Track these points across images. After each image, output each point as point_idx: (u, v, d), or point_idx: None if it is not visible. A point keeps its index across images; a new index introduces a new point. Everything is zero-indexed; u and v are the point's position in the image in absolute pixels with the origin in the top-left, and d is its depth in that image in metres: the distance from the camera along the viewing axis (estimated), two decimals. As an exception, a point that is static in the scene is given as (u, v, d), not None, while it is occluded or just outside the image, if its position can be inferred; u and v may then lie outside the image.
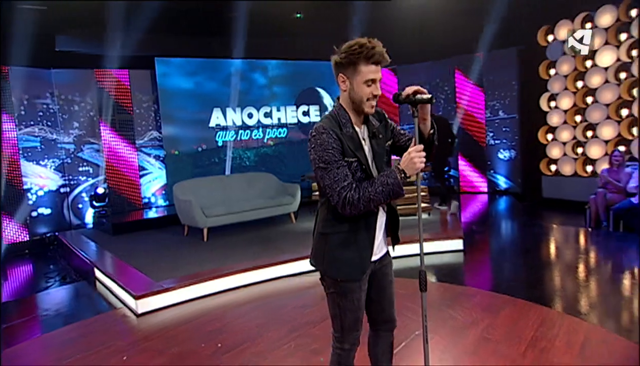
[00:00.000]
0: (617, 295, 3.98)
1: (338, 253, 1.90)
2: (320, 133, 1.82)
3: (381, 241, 1.98)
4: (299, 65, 10.01)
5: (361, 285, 1.94)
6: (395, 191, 1.75)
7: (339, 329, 1.99)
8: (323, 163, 1.80)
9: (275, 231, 6.62)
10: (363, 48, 1.79)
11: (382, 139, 1.96)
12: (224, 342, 3.33)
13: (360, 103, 1.84)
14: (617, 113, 7.58)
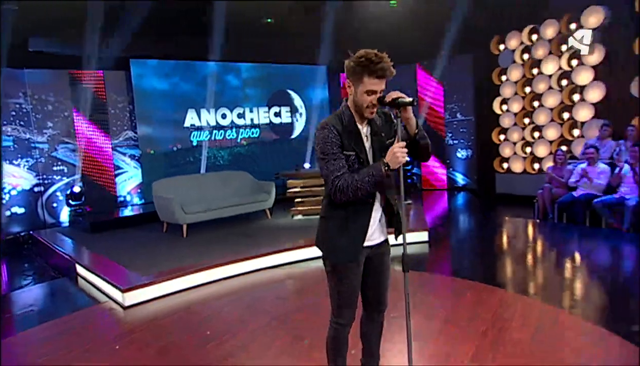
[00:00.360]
0: (561, 278, 4.39)
1: (334, 238, 2.08)
2: (323, 128, 2.01)
3: (376, 230, 2.12)
4: (270, 68, 10.16)
5: (354, 268, 2.10)
6: (379, 181, 1.95)
7: (336, 306, 2.17)
8: (322, 154, 1.99)
9: (252, 226, 6.77)
10: (369, 62, 1.92)
11: (383, 137, 2.11)
12: (211, 331, 3.46)
13: (361, 109, 2.01)
14: (559, 116, 8.16)
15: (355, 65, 1.96)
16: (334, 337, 2.22)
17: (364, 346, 2.37)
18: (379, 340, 2.35)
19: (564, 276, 4.42)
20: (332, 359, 2.26)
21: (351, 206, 2.04)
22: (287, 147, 10.39)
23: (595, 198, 6.02)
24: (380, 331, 2.34)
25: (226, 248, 5.46)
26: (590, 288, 4.08)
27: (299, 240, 5.55)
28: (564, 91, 8.04)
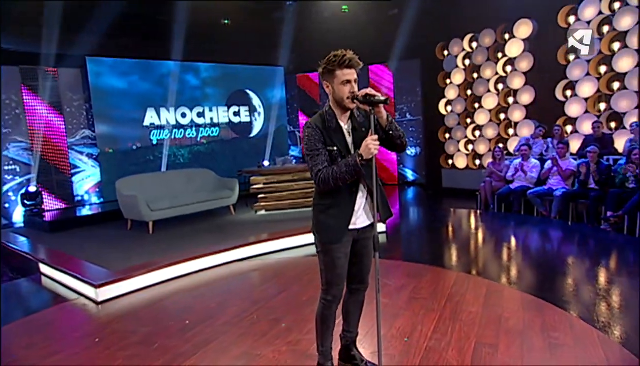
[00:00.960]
0: (500, 259, 4.83)
1: (322, 220, 2.26)
2: (307, 127, 2.21)
3: (361, 215, 2.28)
4: (229, 68, 10.15)
5: (341, 248, 2.25)
6: (355, 170, 2.10)
7: (324, 282, 2.33)
8: (308, 150, 2.18)
9: (217, 222, 6.81)
10: (337, 57, 2.14)
11: (363, 132, 2.22)
12: (191, 319, 3.53)
13: (342, 101, 2.17)
14: (497, 116, 8.80)
15: (326, 64, 2.17)
16: (322, 313, 2.37)
17: (344, 321, 2.54)
18: (359, 316, 2.54)
19: (504, 257, 4.87)
20: (319, 334, 2.41)
21: (337, 194, 2.21)
22: (246, 145, 10.43)
23: (528, 190, 6.62)
24: (360, 307, 2.52)
25: (194, 243, 5.49)
26: (525, 266, 4.53)
27: (263, 233, 5.69)
28: (500, 94, 8.69)
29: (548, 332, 2.86)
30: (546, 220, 6.27)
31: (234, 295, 4.06)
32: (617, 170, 5.81)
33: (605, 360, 2.51)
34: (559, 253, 4.98)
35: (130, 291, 4.28)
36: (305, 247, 5.50)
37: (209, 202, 6.89)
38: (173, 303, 3.99)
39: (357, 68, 2.20)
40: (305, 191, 7.12)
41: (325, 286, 2.34)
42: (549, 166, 6.56)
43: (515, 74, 8.40)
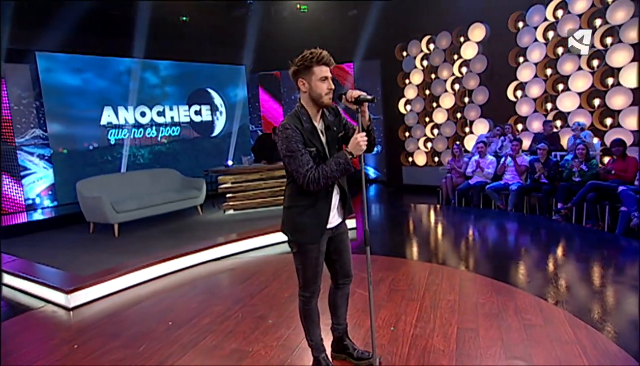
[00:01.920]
0: (467, 249, 5.11)
1: (300, 221, 2.24)
2: (286, 128, 2.13)
3: (335, 213, 2.33)
4: (190, 66, 9.93)
5: (319, 247, 2.28)
6: (347, 168, 2.13)
7: (302, 281, 2.36)
8: (289, 152, 2.11)
9: (186, 223, 6.69)
10: (314, 54, 2.14)
11: (335, 131, 2.29)
12: (175, 320, 3.49)
13: (320, 98, 2.16)
14: (454, 115, 9.22)
15: (302, 62, 2.15)
16: (303, 308, 2.42)
17: (333, 315, 2.60)
18: (346, 308, 2.61)
19: (470, 248, 5.15)
20: (307, 328, 2.46)
21: (314, 194, 2.20)
22: (208, 145, 10.26)
23: (486, 185, 7.02)
24: (347, 300, 2.60)
25: (165, 244, 5.38)
26: (490, 255, 4.81)
27: (235, 233, 5.66)
28: (457, 94, 9.11)
29: (521, 314, 3.10)
30: (503, 213, 6.68)
31: (215, 295, 4.03)
32: (565, 166, 6.30)
33: (573, 335, 2.76)
34: (515, 243, 5.34)
35: (104, 296, 4.15)
36: (278, 245, 5.54)
37: (176, 203, 6.75)
38: (152, 305, 3.90)
39: (332, 66, 2.22)
40: (273, 190, 7.14)
41: (303, 284, 2.37)
42: (504, 162, 6.98)
43: (470, 75, 8.83)
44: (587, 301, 3.39)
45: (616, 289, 3.63)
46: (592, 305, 3.33)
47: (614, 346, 2.61)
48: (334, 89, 2.22)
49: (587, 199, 5.62)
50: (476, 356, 2.58)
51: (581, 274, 4.05)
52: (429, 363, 2.54)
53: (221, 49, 10.25)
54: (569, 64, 7.41)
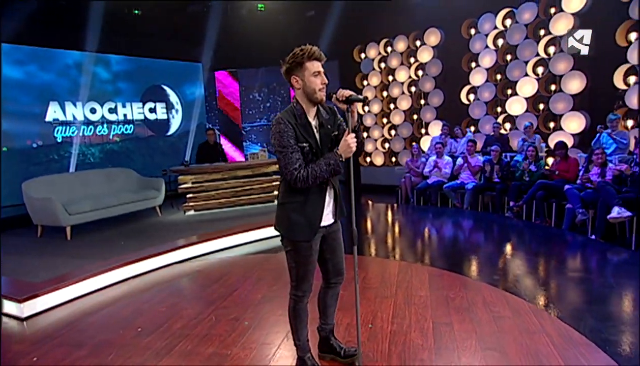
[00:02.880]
0: (428, 246, 5.27)
1: (293, 219, 2.22)
2: (279, 123, 2.12)
3: (330, 212, 2.32)
4: (144, 61, 9.51)
5: (312, 245, 2.27)
6: (336, 169, 2.15)
7: (294, 279, 2.33)
8: (280, 147, 2.11)
9: (144, 224, 6.41)
10: (304, 50, 2.14)
11: (329, 129, 2.27)
12: (143, 325, 3.33)
13: (314, 94, 2.16)
14: (410, 117, 9.49)
15: (294, 59, 2.15)
16: (294, 308, 2.38)
17: (322, 315, 2.59)
18: (335, 307, 2.61)
19: (424, 244, 5.32)
20: (294, 329, 2.42)
21: (308, 192, 2.20)
22: (163, 144, 9.88)
23: (443, 184, 7.28)
24: (337, 299, 2.59)
25: (124, 248, 5.13)
26: (450, 251, 4.98)
27: (198, 234, 5.50)
28: (413, 96, 9.39)
29: (489, 307, 3.25)
30: (460, 211, 6.96)
31: (184, 298, 3.89)
32: (515, 166, 6.67)
33: (539, 325, 2.93)
34: (469, 237, 5.58)
35: (61, 303, 3.89)
36: (244, 245, 5.46)
37: (133, 204, 6.45)
38: (116, 311, 3.70)
39: (323, 61, 2.23)
40: (235, 190, 7.01)
41: (295, 283, 2.34)
42: (460, 163, 7.28)
43: (426, 78, 9.13)
44: (545, 292, 3.61)
45: (566, 279, 3.89)
46: (549, 294, 3.55)
47: (576, 334, 2.80)
48: (327, 83, 2.21)
49: (536, 197, 5.99)
50: (454, 349, 2.67)
51: (536, 266, 4.30)
52: (410, 358, 2.60)
53: (177, 45, 9.91)
54: (517, 71, 7.85)
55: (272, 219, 2.39)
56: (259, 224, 5.68)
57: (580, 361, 2.47)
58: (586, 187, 5.46)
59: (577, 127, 7.17)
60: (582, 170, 5.66)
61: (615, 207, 4.89)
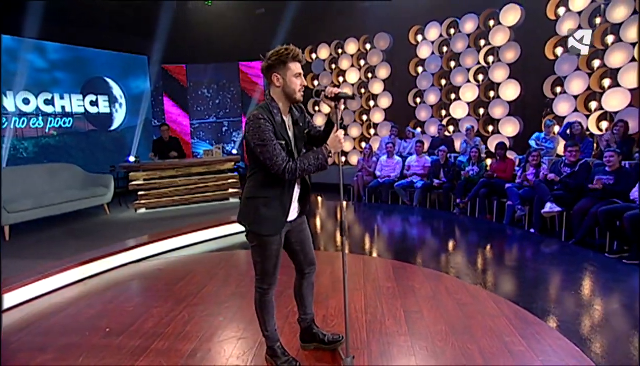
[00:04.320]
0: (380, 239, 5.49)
1: (262, 213, 2.23)
2: (258, 118, 2.12)
3: (295, 206, 2.36)
4: (83, 51, 8.92)
5: (279, 238, 2.30)
6: (323, 164, 2.21)
7: (260, 273, 2.35)
8: (261, 141, 2.11)
9: (92, 223, 6.06)
10: (289, 50, 2.18)
11: (301, 127, 2.34)
12: (111, 326, 3.19)
13: (293, 94, 2.21)
14: (360, 118, 9.78)
15: (277, 57, 2.17)
16: (260, 300, 2.39)
17: (301, 306, 2.64)
18: (312, 297, 2.67)
19: (375, 238, 5.56)
20: (263, 319, 2.44)
21: (278, 186, 2.23)
22: (106, 139, 9.33)
23: (394, 183, 7.61)
24: (312, 289, 2.65)
25: (73, 247, 4.84)
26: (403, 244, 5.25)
27: (151, 233, 5.31)
28: (363, 97, 9.68)
29: (452, 295, 3.50)
30: (409, 208, 7.32)
31: (150, 297, 3.77)
32: (460, 166, 7.14)
33: (497, 309, 3.22)
34: (418, 234, 5.91)
35: (12, 306, 3.61)
36: (203, 243, 5.37)
37: (79, 201, 6.06)
38: (77, 312, 3.49)
39: (303, 63, 2.30)
40: (189, 187, 6.83)
41: (260, 276, 2.36)
42: (409, 162, 7.65)
43: (375, 80, 9.47)
44: (495, 279, 3.95)
45: (512, 267, 4.28)
46: (499, 280, 3.89)
47: (530, 315, 3.12)
48: (304, 85, 2.30)
49: (480, 195, 6.46)
50: (427, 334, 2.87)
51: (485, 257, 4.68)
52: (389, 343, 2.76)
53: (121, 36, 9.42)
54: (460, 77, 8.39)
55: (230, 216, 2.41)
56: (218, 221, 5.60)
57: (537, 339, 2.76)
58: (524, 185, 5.99)
59: (513, 131, 7.81)
60: (520, 170, 6.20)
61: (548, 202, 5.43)
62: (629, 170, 5.05)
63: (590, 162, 5.62)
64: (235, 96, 10.73)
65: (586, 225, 4.89)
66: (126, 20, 9.38)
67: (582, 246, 4.90)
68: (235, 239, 5.57)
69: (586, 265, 4.30)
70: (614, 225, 4.65)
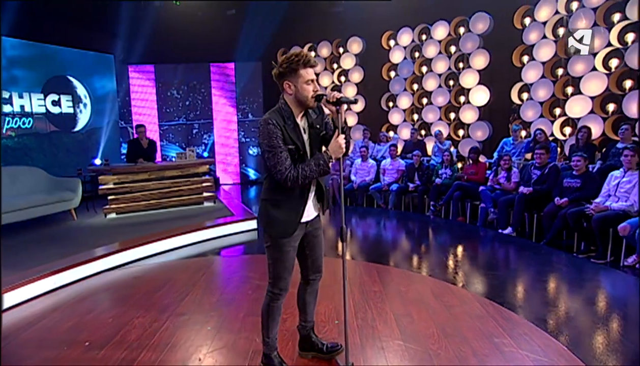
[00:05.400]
0: (361, 243, 5.53)
1: (272, 214, 2.25)
2: (268, 124, 2.12)
3: (311, 208, 2.33)
4: (45, 48, 8.46)
5: (291, 241, 2.28)
6: (325, 170, 2.18)
7: (272, 275, 2.33)
8: (269, 147, 2.12)
9: (58, 229, 5.75)
10: (300, 56, 2.14)
11: (318, 129, 2.31)
12: (91, 339, 3.02)
13: (306, 101, 2.19)
14: (333, 121, 9.79)
15: (289, 64, 2.15)
16: (269, 305, 2.37)
17: (303, 313, 2.61)
18: (315, 305, 2.64)
19: (368, 242, 5.60)
20: (265, 326, 2.41)
21: (288, 189, 2.21)
22: (69, 141, 8.89)
23: (369, 186, 7.67)
24: (315, 296, 2.63)
25: (39, 256, 4.55)
26: (381, 247, 5.32)
27: (120, 240, 5.09)
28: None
29: (439, 298, 3.55)
30: (384, 211, 7.40)
31: (131, 307, 3.60)
32: (433, 169, 7.30)
33: (484, 310, 3.29)
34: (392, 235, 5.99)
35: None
36: (182, 248, 5.22)
37: (44, 207, 5.73)
38: (53, 325, 3.29)
39: (316, 67, 2.29)
40: (162, 191, 6.62)
41: (273, 280, 2.35)
42: (384, 166, 7.74)
43: (348, 84, 9.54)
44: (478, 280, 4.05)
45: (492, 268, 4.40)
46: (482, 281, 3.99)
47: (515, 316, 3.21)
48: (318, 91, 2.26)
49: (454, 197, 6.62)
50: (419, 338, 2.89)
51: (466, 259, 4.79)
52: (383, 349, 2.76)
53: (86, 33, 9.01)
54: (431, 82, 8.59)
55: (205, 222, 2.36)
56: (195, 227, 5.46)
57: (525, 340, 2.84)
58: (496, 189, 6.19)
59: (482, 136, 8.07)
60: (492, 174, 6.40)
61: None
62: (593, 175, 5.31)
63: (559, 165, 5.87)
64: (207, 97, 10.51)
65: (556, 226, 5.10)
66: (91, 17, 9.00)
67: (553, 247, 5.11)
68: (212, 244, 5.45)
69: (558, 265, 4.49)
70: (582, 226, 4.88)
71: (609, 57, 6.40)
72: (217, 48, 10.15)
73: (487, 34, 7.98)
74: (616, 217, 4.55)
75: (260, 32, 9.94)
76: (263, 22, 9.88)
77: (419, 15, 8.61)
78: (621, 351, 2.72)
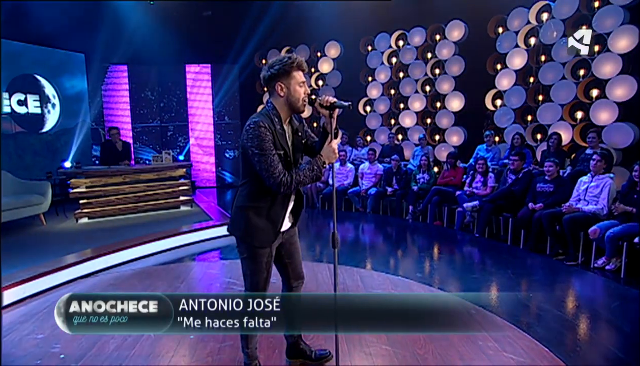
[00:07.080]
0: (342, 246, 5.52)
1: (255, 223, 2.18)
2: (259, 126, 2.07)
3: (287, 217, 2.30)
4: (10, 45, 8.05)
5: (270, 251, 2.26)
6: (318, 175, 2.19)
7: (249, 287, 2.28)
8: (260, 150, 2.05)
9: (26, 235, 5.49)
10: (293, 59, 2.13)
11: (300, 137, 2.31)
12: (66, 351, 2.88)
13: (297, 103, 2.17)
14: (310, 125, 9.79)
15: (282, 66, 2.12)
16: None
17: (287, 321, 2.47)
18: None
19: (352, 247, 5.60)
20: (244, 337, 2.36)
21: (273, 197, 2.19)
22: (36, 143, 8.50)
23: (347, 190, 7.69)
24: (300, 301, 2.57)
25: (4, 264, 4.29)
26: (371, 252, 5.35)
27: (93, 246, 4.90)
28: (315, 104, 9.71)
29: (422, 302, 3.58)
30: (363, 215, 7.43)
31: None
32: (411, 174, 7.38)
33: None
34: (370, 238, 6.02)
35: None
36: (160, 254, 5.08)
37: (11, 212, 5.45)
38: (23, 337, 3.11)
39: (306, 71, 2.27)
40: (138, 195, 6.43)
41: (250, 290, 2.29)
42: (362, 170, 7.78)
43: (326, 88, 9.55)
44: (460, 284, 4.11)
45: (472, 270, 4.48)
46: (464, 285, 4.05)
47: (498, 319, 3.27)
48: (309, 94, 2.24)
49: (432, 201, 6.71)
50: (406, 342, 2.89)
51: (447, 263, 4.86)
52: (371, 355, 2.75)
53: (54, 30, 8.65)
54: (408, 87, 8.71)
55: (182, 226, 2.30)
56: (172, 232, 5.32)
57: (509, 342, 2.90)
58: (473, 193, 6.31)
59: (457, 141, 8.23)
60: (469, 178, 6.52)
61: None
62: (565, 179, 5.49)
63: (532, 170, 6.05)
64: (182, 99, 10.30)
65: (535, 231, 5.20)
66: (61, 14, 8.65)
67: (527, 250, 5.23)
68: (191, 250, 5.32)
69: (533, 268, 4.62)
70: (555, 228, 5.03)
71: (577, 66, 6.64)
72: (192, 49, 9.97)
73: (462, 41, 8.16)
74: (587, 219, 4.71)
75: (237, 34, 9.83)
76: (240, 24, 9.77)
77: (396, 22, 8.72)
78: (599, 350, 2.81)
